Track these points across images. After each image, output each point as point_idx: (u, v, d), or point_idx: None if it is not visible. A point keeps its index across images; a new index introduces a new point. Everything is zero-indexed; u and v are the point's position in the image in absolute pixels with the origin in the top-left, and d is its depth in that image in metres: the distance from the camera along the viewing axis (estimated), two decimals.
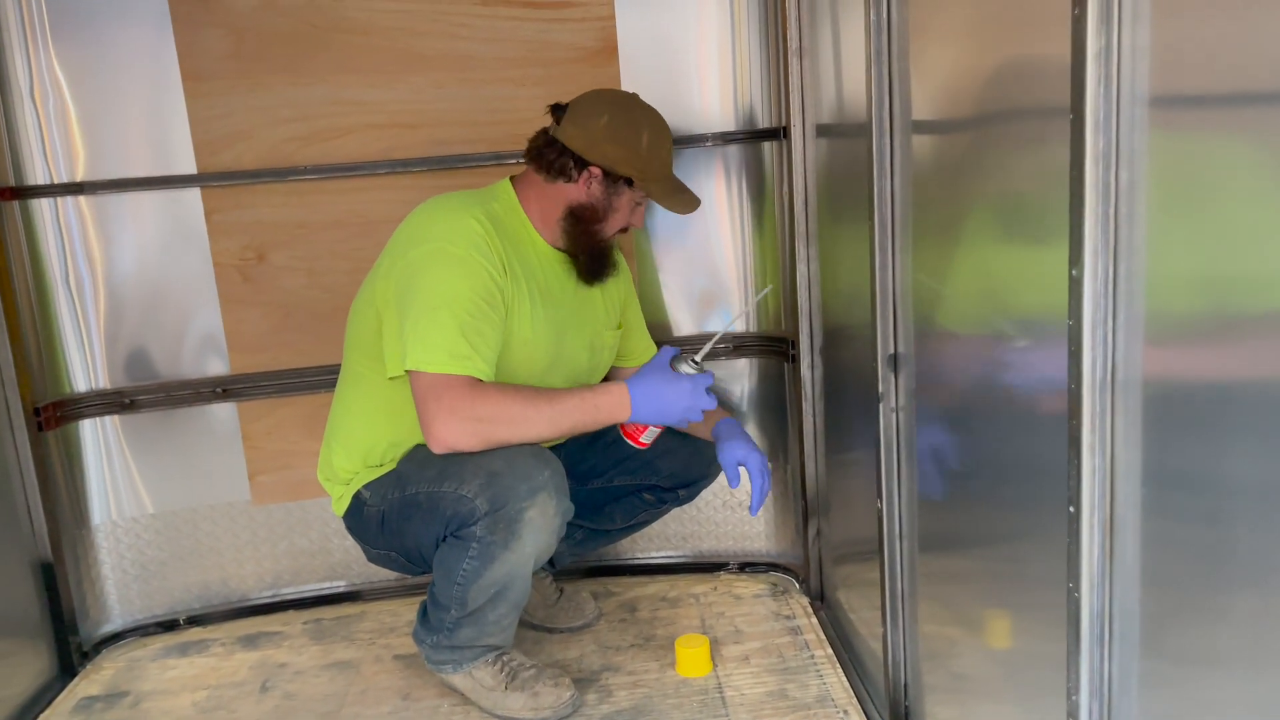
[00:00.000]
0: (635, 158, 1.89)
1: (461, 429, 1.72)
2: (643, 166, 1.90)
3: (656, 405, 1.80)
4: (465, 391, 1.71)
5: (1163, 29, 0.86)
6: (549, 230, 1.95)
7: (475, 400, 1.72)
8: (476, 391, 1.72)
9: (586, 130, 1.88)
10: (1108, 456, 0.96)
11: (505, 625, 1.87)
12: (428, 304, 1.74)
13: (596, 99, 1.94)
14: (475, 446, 1.74)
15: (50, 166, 2.16)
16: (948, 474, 1.47)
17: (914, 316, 1.53)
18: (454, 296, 1.74)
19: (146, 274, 2.25)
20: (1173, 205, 0.87)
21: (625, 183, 1.91)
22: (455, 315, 1.73)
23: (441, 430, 1.71)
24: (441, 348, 1.71)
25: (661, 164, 1.94)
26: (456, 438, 1.72)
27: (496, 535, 1.73)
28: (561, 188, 1.91)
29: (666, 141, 1.95)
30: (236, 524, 2.38)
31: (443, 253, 1.77)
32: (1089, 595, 0.98)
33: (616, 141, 1.88)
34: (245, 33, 2.18)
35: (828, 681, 1.94)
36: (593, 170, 1.89)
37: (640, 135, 1.90)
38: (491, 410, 1.72)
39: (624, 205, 1.94)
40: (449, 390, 1.71)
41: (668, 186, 1.96)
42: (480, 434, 1.73)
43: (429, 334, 1.72)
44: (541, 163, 1.91)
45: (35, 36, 2.10)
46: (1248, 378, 0.80)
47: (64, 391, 2.23)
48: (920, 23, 1.41)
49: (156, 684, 2.11)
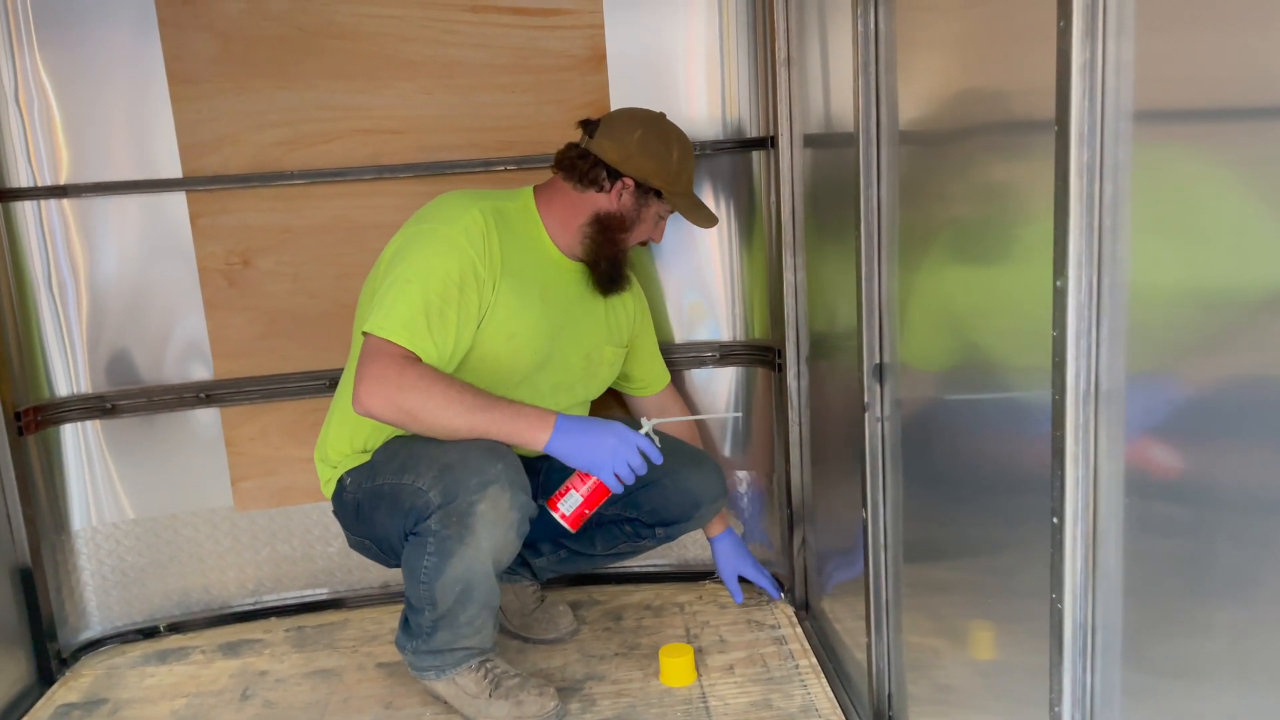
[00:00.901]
0: (666, 171, 1.97)
1: (382, 395, 1.73)
2: (671, 180, 1.98)
3: (573, 441, 1.77)
4: (398, 361, 1.74)
5: (1146, 43, 0.86)
6: (566, 237, 1.99)
7: (404, 370, 1.73)
8: (408, 364, 1.74)
9: (621, 144, 1.95)
10: (1091, 467, 0.96)
11: (479, 626, 1.86)
12: (404, 275, 1.79)
13: (630, 115, 2.02)
14: (389, 415, 1.74)
15: (34, 169, 2.14)
16: (933, 484, 1.47)
17: (900, 326, 1.53)
18: (429, 274, 1.78)
19: (130, 278, 2.23)
20: (1156, 217, 0.87)
21: (655, 195, 1.99)
22: (424, 293, 1.77)
23: (364, 392, 1.74)
24: (399, 318, 1.76)
25: (687, 180, 2.03)
26: (373, 401, 1.73)
27: (451, 529, 1.74)
28: (592, 197, 1.97)
29: (690, 159, 2.03)
30: (219, 530, 2.36)
31: (435, 233, 1.83)
32: (1072, 606, 0.99)
33: (649, 155, 1.95)
34: (232, 37, 2.17)
35: (812, 692, 1.94)
36: (625, 181, 1.96)
37: (671, 150, 1.98)
38: (413, 382, 1.73)
39: (650, 217, 2.02)
40: (384, 355, 1.74)
41: (691, 202, 2.05)
42: (396, 403, 1.73)
43: (394, 304, 1.77)
44: (574, 172, 1.97)
45: (20, 39, 2.09)
46: (1230, 389, 0.80)
47: (45, 396, 2.21)
48: (907, 34, 1.42)
49: (136, 692, 2.09)
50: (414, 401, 1.73)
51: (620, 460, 1.79)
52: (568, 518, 1.83)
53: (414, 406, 1.73)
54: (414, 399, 1.73)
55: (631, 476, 1.81)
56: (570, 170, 1.97)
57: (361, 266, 2.25)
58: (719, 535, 2.27)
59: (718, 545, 2.28)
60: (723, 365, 2.40)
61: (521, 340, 1.90)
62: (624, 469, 1.79)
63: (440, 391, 1.74)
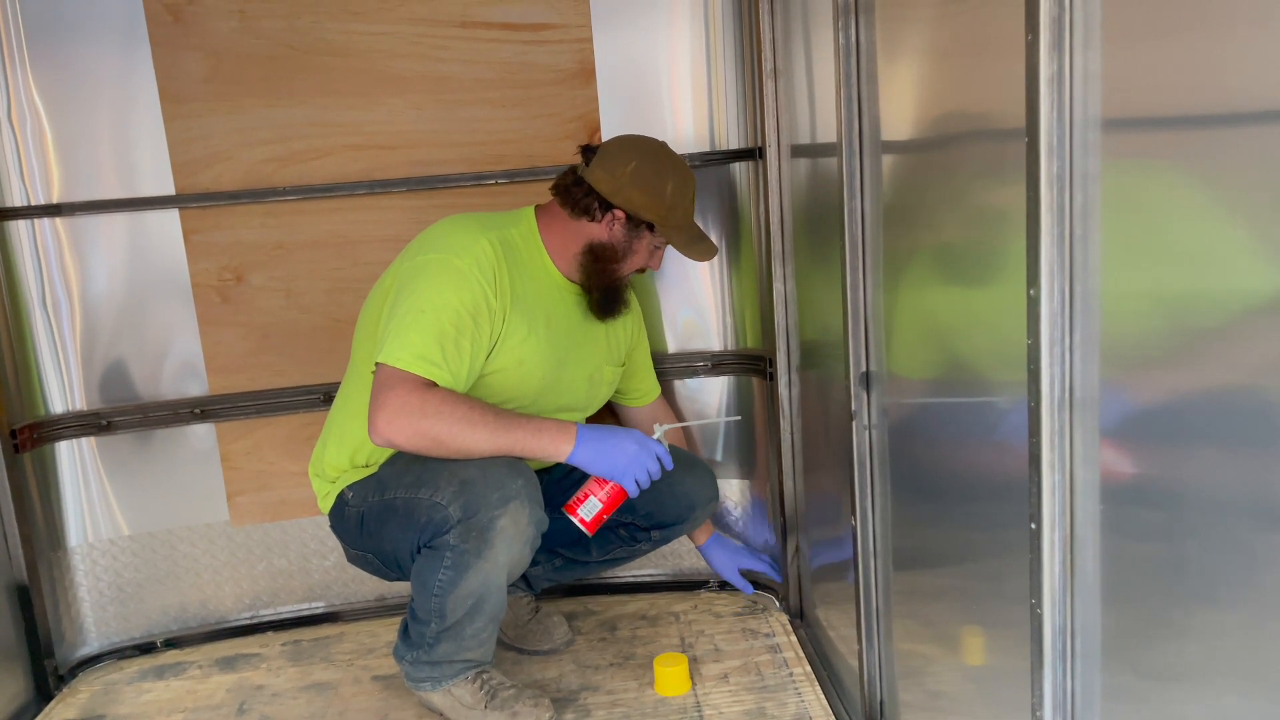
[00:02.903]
0: (658, 205, 1.95)
1: (405, 425, 1.73)
2: (665, 214, 1.96)
3: (597, 448, 1.82)
4: (418, 390, 1.74)
5: (1113, 55, 0.88)
6: (565, 262, 1.99)
7: (425, 398, 1.74)
8: (428, 391, 1.75)
9: (613, 175, 1.93)
10: (1067, 473, 0.97)
11: (483, 639, 1.87)
12: (416, 306, 1.79)
13: (626, 144, 1.99)
14: (413, 444, 1.75)
15: (27, 188, 2.16)
16: (920, 492, 1.48)
17: (886, 335, 1.55)
18: (443, 305, 1.78)
19: (124, 295, 2.25)
20: (1125, 226, 0.89)
21: (647, 227, 1.97)
22: (438, 322, 1.77)
23: (383, 423, 1.74)
24: (414, 348, 1.76)
25: (684, 213, 2.00)
26: (394, 431, 1.74)
27: (470, 544, 1.74)
28: (585, 225, 1.96)
29: (690, 191, 2.00)
30: (215, 545, 2.37)
31: (445, 264, 1.82)
32: (1051, 610, 1.00)
33: (641, 188, 1.93)
34: (223, 55, 2.19)
35: (806, 699, 1.94)
36: (616, 213, 1.95)
37: (665, 184, 1.95)
38: (436, 408, 1.74)
39: (643, 248, 2.01)
40: (402, 385, 1.74)
41: (688, 235, 2.02)
42: (421, 430, 1.74)
43: (407, 334, 1.77)
44: (568, 199, 1.96)
45: (13, 59, 2.11)
46: (1202, 395, 0.81)
47: (40, 413, 2.22)
48: (888, 46, 1.43)
49: (133, 707, 2.10)
50: (439, 428, 1.74)
51: (640, 466, 1.84)
52: (588, 522, 1.88)
53: (439, 433, 1.74)
54: (439, 426, 1.74)
55: (648, 481, 1.86)
56: (565, 197, 1.97)
57: (354, 281, 2.27)
58: (708, 541, 2.30)
59: (710, 550, 2.30)
60: (715, 374, 2.41)
61: (529, 367, 1.92)
62: (644, 475, 1.85)
63: (463, 416, 1.75)
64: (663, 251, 2.07)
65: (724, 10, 2.24)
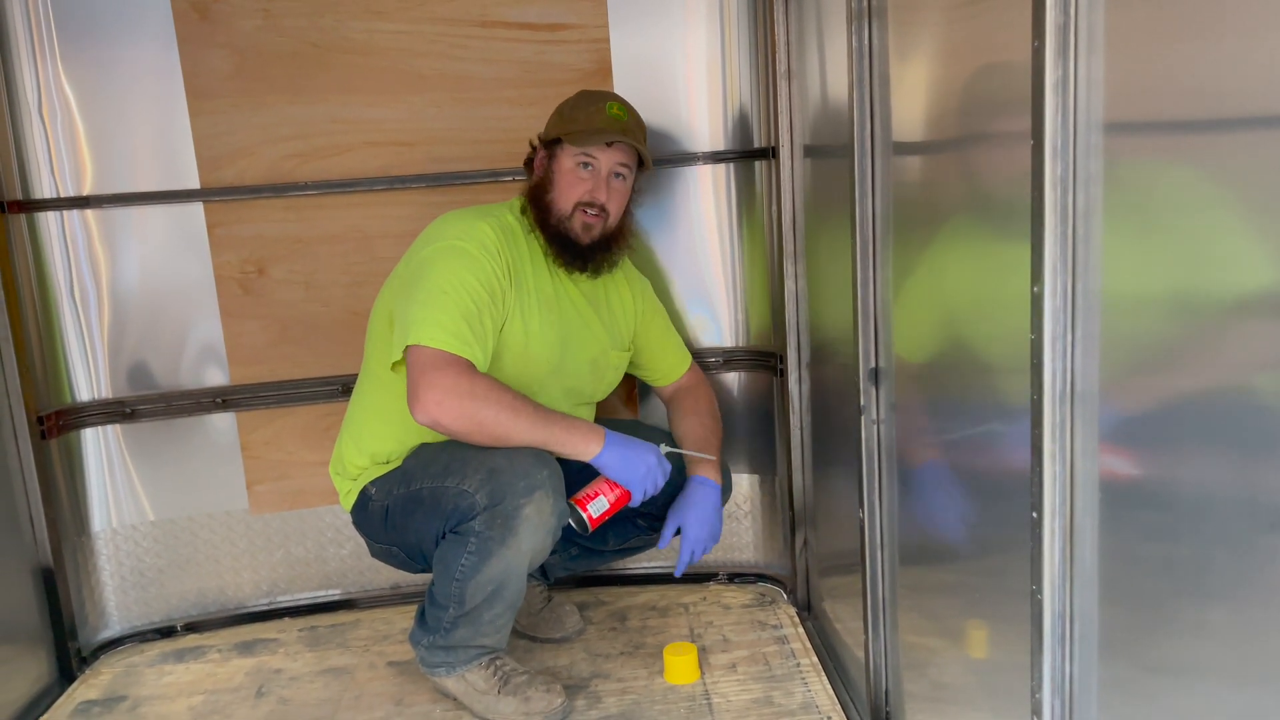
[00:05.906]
0: (560, 119, 2.02)
1: (454, 406, 1.76)
2: (567, 122, 2.00)
3: (623, 454, 1.87)
4: (466, 372, 1.78)
5: (1116, 60, 0.91)
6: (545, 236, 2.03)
7: (475, 381, 1.77)
8: (475, 375, 1.79)
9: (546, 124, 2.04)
10: (1068, 465, 1.01)
11: (500, 626, 1.91)
12: (437, 287, 1.82)
13: None
14: (458, 425, 1.77)
15: (57, 180, 2.21)
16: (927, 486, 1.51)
17: (894, 331, 1.58)
18: (461, 285, 1.83)
19: (149, 286, 2.30)
20: (1127, 226, 0.92)
21: (558, 144, 1.99)
22: (460, 302, 1.81)
23: (432, 401, 1.75)
24: (445, 327, 1.79)
25: (587, 117, 1.97)
26: (442, 412, 1.76)
27: (494, 531, 1.78)
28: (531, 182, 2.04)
29: (599, 100, 2.01)
30: (234, 532, 2.42)
31: (453, 248, 1.87)
32: (1050, 597, 1.03)
33: (553, 115, 2.04)
34: (248, 53, 2.24)
35: (812, 689, 1.98)
36: (538, 150, 2.04)
37: (567, 103, 2.03)
38: (484, 392, 1.78)
39: (565, 170, 1.97)
40: (450, 366, 1.77)
41: (588, 136, 1.94)
42: (469, 413, 1.77)
43: (434, 314, 1.80)
44: (526, 168, 2.07)
45: (44, 54, 2.16)
46: (1198, 392, 0.84)
47: (67, 401, 2.27)
48: (900, 48, 1.46)
49: (154, 689, 2.15)
50: (486, 413, 1.77)
51: (652, 479, 1.91)
52: (594, 519, 1.92)
53: (485, 418, 1.77)
54: (486, 411, 1.77)
55: (652, 494, 1.93)
56: (526, 168, 2.08)
57: (372, 275, 2.31)
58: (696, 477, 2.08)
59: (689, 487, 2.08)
60: (726, 370, 2.45)
61: (533, 349, 1.96)
62: (652, 487, 1.92)
63: (509, 403, 1.79)
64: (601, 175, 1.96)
65: (739, 12, 2.27)
